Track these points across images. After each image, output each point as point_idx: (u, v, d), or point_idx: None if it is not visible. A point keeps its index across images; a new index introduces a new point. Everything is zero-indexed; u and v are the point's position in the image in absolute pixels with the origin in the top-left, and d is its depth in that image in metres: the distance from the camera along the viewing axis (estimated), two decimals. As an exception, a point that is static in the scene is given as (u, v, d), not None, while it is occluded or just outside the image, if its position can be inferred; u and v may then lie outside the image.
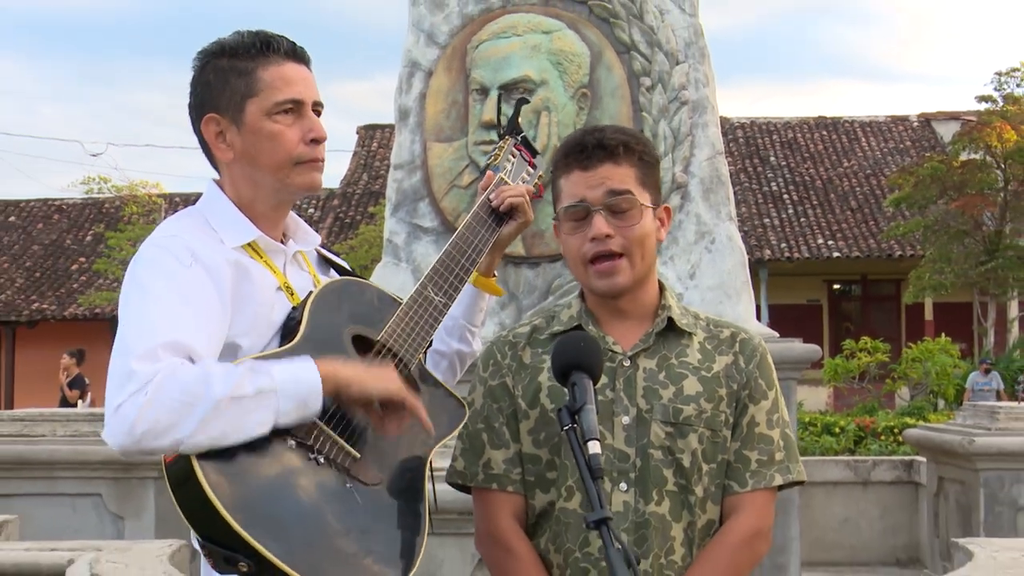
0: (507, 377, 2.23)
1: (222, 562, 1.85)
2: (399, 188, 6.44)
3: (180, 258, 2.00)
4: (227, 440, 1.85)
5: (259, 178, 2.11)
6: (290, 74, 2.10)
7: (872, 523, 8.29)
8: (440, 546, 4.68)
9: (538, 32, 6.31)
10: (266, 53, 2.09)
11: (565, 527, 2.14)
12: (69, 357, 13.86)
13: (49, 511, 6.60)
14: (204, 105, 2.12)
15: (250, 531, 1.80)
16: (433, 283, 2.22)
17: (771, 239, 25.86)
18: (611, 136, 2.18)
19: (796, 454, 2.24)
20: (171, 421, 1.81)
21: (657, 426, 2.14)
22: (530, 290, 6.25)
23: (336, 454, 1.97)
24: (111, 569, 3.84)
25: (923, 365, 18.74)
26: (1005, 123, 21.34)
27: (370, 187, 27.85)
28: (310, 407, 1.92)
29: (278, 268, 2.13)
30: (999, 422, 7.06)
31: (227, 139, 2.11)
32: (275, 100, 2.07)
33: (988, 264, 21.26)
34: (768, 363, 2.25)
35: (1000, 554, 4.16)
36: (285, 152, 2.09)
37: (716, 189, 6.23)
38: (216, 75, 2.11)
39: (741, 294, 6.13)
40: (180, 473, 1.86)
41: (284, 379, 1.90)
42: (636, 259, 2.17)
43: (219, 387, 1.84)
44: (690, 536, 2.14)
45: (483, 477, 2.21)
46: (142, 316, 1.93)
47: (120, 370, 1.86)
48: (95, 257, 26.30)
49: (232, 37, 2.14)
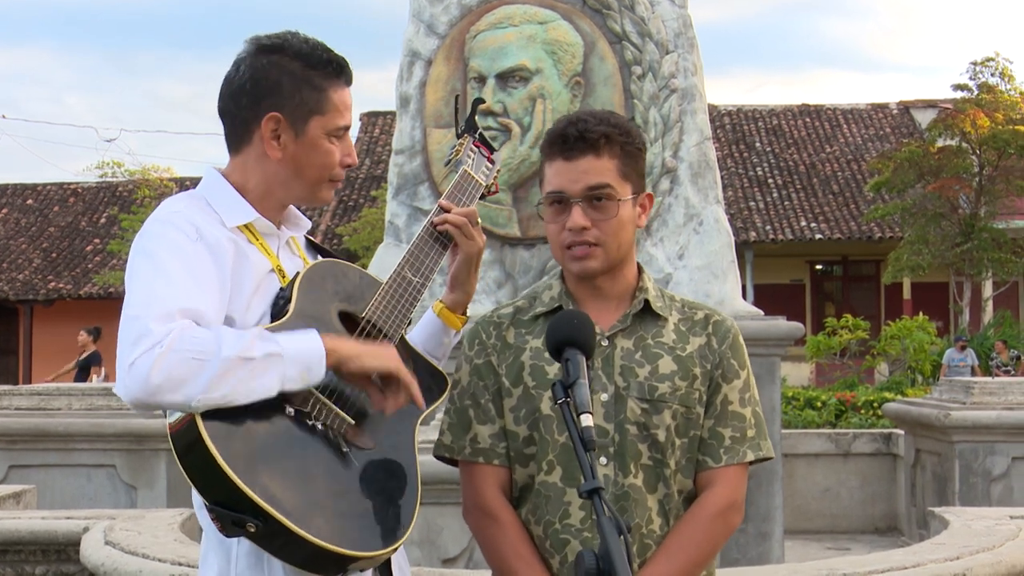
0: (492, 356, 2.27)
1: (230, 525, 1.88)
2: (400, 172, 6.62)
3: (186, 232, 2.05)
4: (235, 400, 1.89)
5: (292, 184, 2.20)
6: (348, 102, 2.22)
7: (852, 493, 8.39)
8: (440, 515, 4.76)
9: (534, 23, 6.49)
10: (339, 76, 2.20)
11: (545, 500, 2.19)
12: (87, 334, 13.90)
13: (65, 481, 6.78)
14: (266, 100, 2.16)
15: (256, 491, 1.85)
16: (410, 264, 2.29)
17: (756, 222, 26.11)
18: (593, 128, 2.20)
19: (765, 432, 2.28)
20: (184, 376, 1.85)
21: (633, 403, 2.19)
22: (525, 270, 6.45)
23: (333, 420, 2.03)
24: (124, 536, 3.98)
25: (901, 342, 18.99)
26: (980, 111, 21.48)
27: (372, 171, 27.97)
28: (314, 374, 1.97)
29: (272, 251, 2.19)
30: (973, 397, 7.22)
31: (281, 141, 2.16)
32: (337, 124, 2.19)
33: (964, 246, 21.48)
34: (740, 344, 2.29)
35: (974, 522, 4.34)
36: (329, 170, 2.21)
37: (704, 173, 6.42)
38: (287, 79, 2.15)
39: (727, 274, 6.31)
40: (187, 440, 1.90)
41: (290, 346, 1.95)
42: (611, 248, 2.22)
43: (230, 347, 1.89)
44: (665, 507, 2.20)
45: (470, 451, 2.26)
46: (153, 283, 1.97)
47: (135, 330, 1.89)
48: (109, 239, 26.66)
49: (299, 43, 2.19)
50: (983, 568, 3.71)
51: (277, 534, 1.87)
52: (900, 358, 19.37)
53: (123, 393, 1.91)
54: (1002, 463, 6.99)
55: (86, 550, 4.02)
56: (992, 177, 21.95)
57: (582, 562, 1.74)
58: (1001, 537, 4.05)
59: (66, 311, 25.57)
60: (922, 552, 3.93)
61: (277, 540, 1.89)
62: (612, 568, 1.71)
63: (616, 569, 1.70)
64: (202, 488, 1.91)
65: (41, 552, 4.44)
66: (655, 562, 2.16)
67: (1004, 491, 6.94)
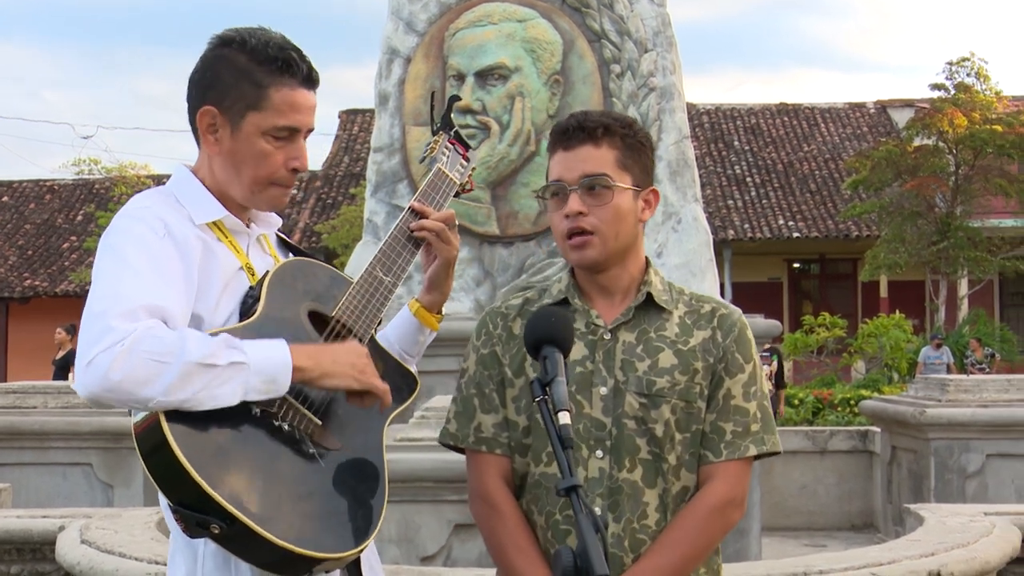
0: (497, 346, 2.28)
1: (194, 526, 1.86)
2: (379, 170, 6.63)
3: (154, 228, 2.01)
4: (195, 405, 1.87)
5: (233, 183, 2.15)
6: (299, 101, 2.11)
7: (829, 490, 8.39)
8: (417, 513, 4.74)
9: (513, 20, 6.51)
10: (284, 74, 2.10)
11: (545, 491, 2.20)
12: (64, 332, 13.65)
13: (41, 480, 6.74)
14: (207, 93, 2.11)
15: (220, 492, 1.83)
16: (381, 264, 2.27)
17: (735, 220, 26.20)
18: (593, 119, 2.23)
19: (773, 426, 2.27)
20: (144, 377, 1.82)
21: (631, 397, 2.19)
22: (504, 268, 6.46)
23: (299, 421, 2.01)
24: (101, 535, 3.95)
25: (878, 340, 19.15)
26: (956, 110, 21.65)
27: (351, 169, 27.94)
28: (279, 386, 1.95)
29: (242, 249, 2.16)
30: (949, 394, 7.24)
31: (218, 135, 2.12)
32: (275, 123, 2.09)
33: (940, 244, 21.63)
34: (747, 337, 2.28)
35: (949, 519, 4.37)
36: (266, 172, 2.12)
37: (682, 172, 6.45)
38: (228, 72, 2.10)
39: (706, 272, 6.35)
40: (151, 440, 1.87)
41: (256, 356, 1.92)
42: (609, 237, 2.21)
43: (194, 352, 1.86)
44: (664, 502, 2.19)
45: (473, 440, 2.27)
46: (118, 280, 1.93)
47: (96, 327, 1.86)
48: (86, 236, 26.54)
49: (257, 38, 2.12)
50: (958, 564, 3.73)
51: (241, 536, 1.86)
52: (877, 356, 19.52)
53: (80, 389, 1.88)
54: (977, 460, 7.01)
55: (62, 549, 4.00)
56: (968, 176, 22.12)
57: (560, 559, 1.75)
58: (976, 534, 4.08)
59: (42, 309, 25.43)
60: (898, 549, 3.95)
61: (241, 542, 1.88)
62: (589, 565, 1.71)
63: (593, 566, 1.71)
64: (166, 489, 1.90)
65: (16, 551, 4.41)
66: (648, 556, 2.16)
67: (979, 488, 6.97)
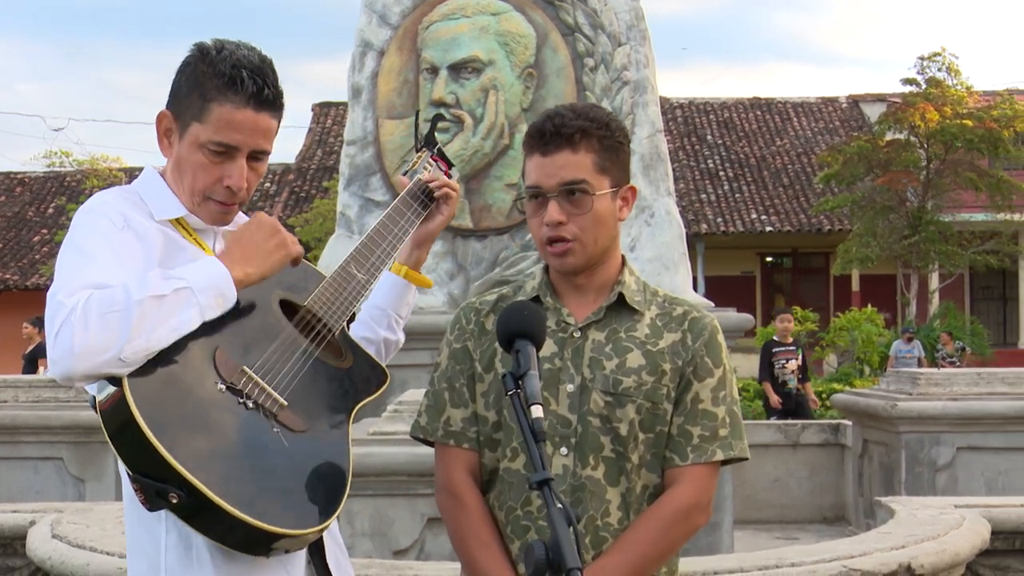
0: (469, 341, 2.30)
1: (153, 496, 1.89)
2: (352, 163, 6.61)
3: (113, 220, 2.06)
4: (161, 340, 1.92)
5: (180, 188, 2.18)
6: (238, 120, 2.10)
7: (801, 483, 8.41)
8: (391, 506, 4.75)
9: (486, 14, 6.50)
10: (229, 90, 2.10)
11: (508, 486, 2.22)
12: (31, 326, 13.43)
13: (11, 474, 6.71)
14: (169, 98, 2.18)
15: (178, 458, 1.86)
16: (355, 261, 2.30)
17: (707, 214, 26.31)
18: (570, 123, 2.20)
19: (741, 431, 2.26)
20: (104, 333, 1.88)
21: (597, 395, 2.20)
22: (478, 261, 6.46)
23: (264, 399, 2.03)
24: (72, 530, 3.95)
25: (850, 334, 19.27)
26: (928, 104, 21.83)
27: (324, 162, 27.88)
28: (228, 299, 2.01)
29: (208, 245, 2.19)
30: (920, 388, 7.26)
31: (171, 140, 2.17)
32: (210, 138, 2.11)
33: (911, 238, 21.82)
34: (717, 342, 2.27)
35: (919, 511, 4.41)
36: (202, 185, 2.14)
37: (655, 165, 6.46)
38: (187, 81, 2.14)
39: (679, 266, 6.36)
40: (114, 411, 1.92)
41: (195, 277, 1.98)
42: (589, 243, 2.22)
43: (137, 292, 1.91)
44: (627, 501, 2.20)
45: (442, 433, 2.29)
46: (74, 268, 1.99)
47: (50, 310, 1.94)
48: (57, 229, 26.32)
49: (223, 52, 2.14)
50: (928, 556, 3.77)
51: (200, 508, 1.88)
52: (849, 349, 19.63)
53: (53, 369, 1.94)
54: (947, 453, 7.05)
55: (32, 544, 3.98)
56: (939, 171, 22.28)
57: (532, 553, 1.75)
58: (946, 526, 4.11)
59: (12, 302, 25.19)
60: (869, 541, 3.98)
61: (201, 515, 1.90)
62: (561, 559, 1.71)
63: (565, 559, 1.71)
64: (128, 458, 1.93)
65: (-13, 546, 4.37)
66: (608, 554, 2.16)
67: (949, 481, 7.00)
